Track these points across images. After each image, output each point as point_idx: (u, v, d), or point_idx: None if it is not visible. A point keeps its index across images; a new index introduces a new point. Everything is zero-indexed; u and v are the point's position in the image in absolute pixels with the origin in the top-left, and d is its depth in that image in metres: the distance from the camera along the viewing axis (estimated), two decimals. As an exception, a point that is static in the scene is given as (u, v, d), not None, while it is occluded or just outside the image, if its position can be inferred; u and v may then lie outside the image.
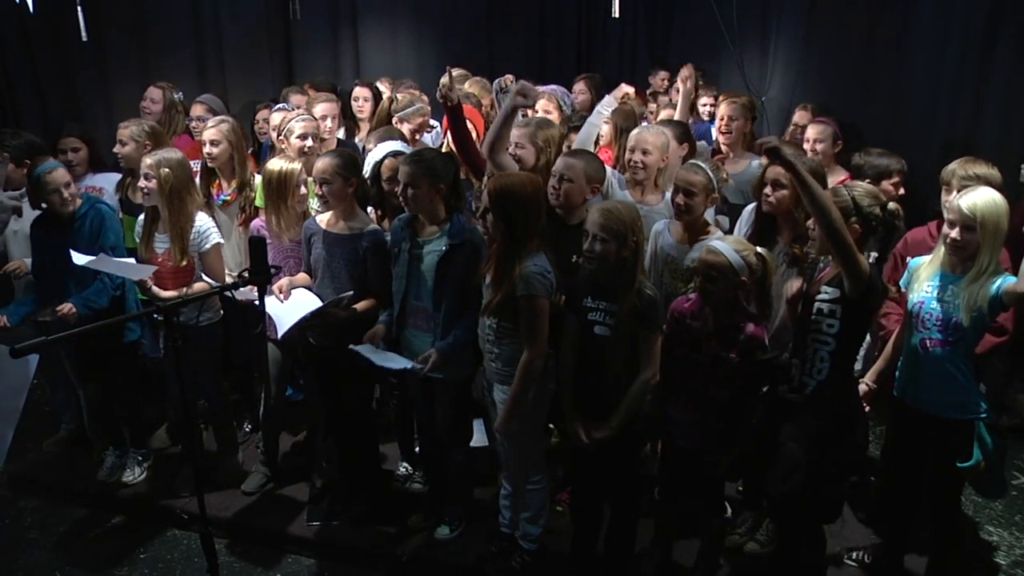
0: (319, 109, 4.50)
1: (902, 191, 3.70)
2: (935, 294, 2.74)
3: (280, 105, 4.94)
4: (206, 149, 3.94)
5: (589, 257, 2.75)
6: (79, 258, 3.36)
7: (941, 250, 2.77)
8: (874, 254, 2.93)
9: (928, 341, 2.75)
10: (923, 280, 2.79)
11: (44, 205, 3.64)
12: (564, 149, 3.55)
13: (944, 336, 2.72)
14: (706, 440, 2.80)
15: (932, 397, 2.79)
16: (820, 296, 2.69)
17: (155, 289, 3.48)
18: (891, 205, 2.66)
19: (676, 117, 4.33)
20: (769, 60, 6.31)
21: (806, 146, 4.08)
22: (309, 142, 3.92)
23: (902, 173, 3.74)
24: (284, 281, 3.30)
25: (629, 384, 2.77)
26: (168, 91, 4.82)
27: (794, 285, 2.92)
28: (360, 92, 5.33)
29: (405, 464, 3.89)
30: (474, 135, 3.92)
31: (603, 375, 2.82)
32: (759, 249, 2.75)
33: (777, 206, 3.06)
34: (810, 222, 2.70)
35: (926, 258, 2.87)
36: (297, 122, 3.95)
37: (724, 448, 2.79)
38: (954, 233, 2.67)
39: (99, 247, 3.56)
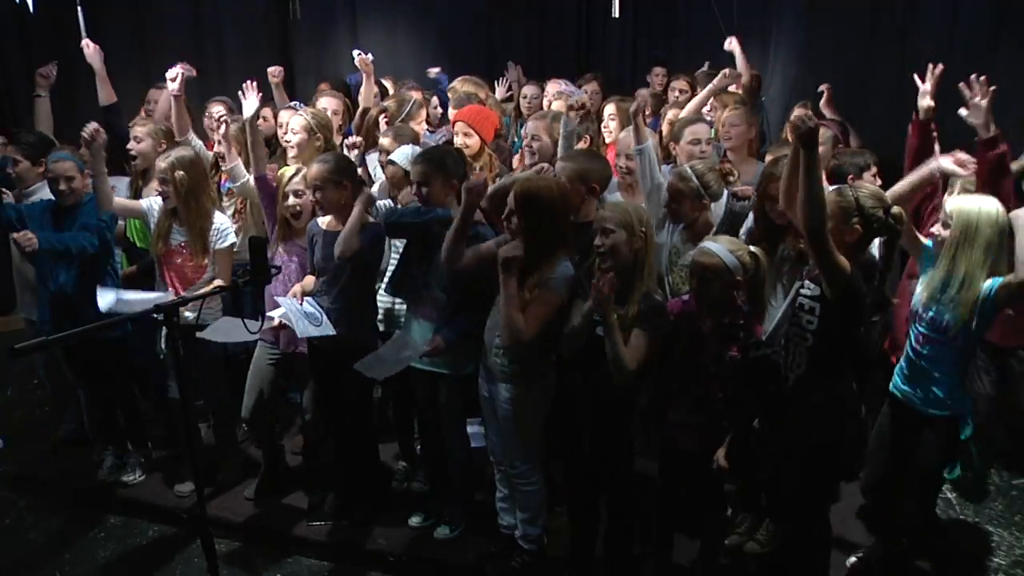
0: (322, 103, 4.49)
1: (879, 182, 3.67)
2: (933, 294, 2.75)
3: (293, 102, 4.93)
4: (217, 148, 4.02)
5: (602, 254, 2.73)
6: (104, 302, 3.26)
7: None
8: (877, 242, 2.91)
9: (918, 337, 2.80)
10: (930, 282, 2.79)
11: None
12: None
13: (930, 333, 2.76)
14: (706, 441, 2.79)
15: (918, 392, 2.83)
16: (803, 291, 2.71)
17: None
18: (895, 209, 2.64)
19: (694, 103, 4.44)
20: (770, 59, 6.31)
21: None
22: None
23: (878, 165, 3.75)
24: (297, 288, 3.34)
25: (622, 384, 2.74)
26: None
27: None
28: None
29: (405, 464, 3.88)
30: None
31: (596, 373, 2.79)
32: (752, 248, 2.75)
33: (782, 216, 3.04)
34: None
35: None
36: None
37: (720, 445, 2.78)
38: (935, 228, 2.78)
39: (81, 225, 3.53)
